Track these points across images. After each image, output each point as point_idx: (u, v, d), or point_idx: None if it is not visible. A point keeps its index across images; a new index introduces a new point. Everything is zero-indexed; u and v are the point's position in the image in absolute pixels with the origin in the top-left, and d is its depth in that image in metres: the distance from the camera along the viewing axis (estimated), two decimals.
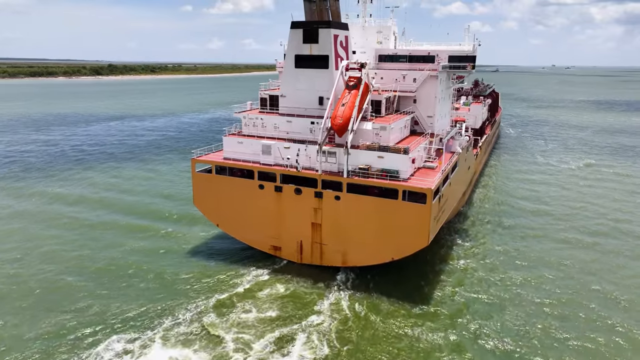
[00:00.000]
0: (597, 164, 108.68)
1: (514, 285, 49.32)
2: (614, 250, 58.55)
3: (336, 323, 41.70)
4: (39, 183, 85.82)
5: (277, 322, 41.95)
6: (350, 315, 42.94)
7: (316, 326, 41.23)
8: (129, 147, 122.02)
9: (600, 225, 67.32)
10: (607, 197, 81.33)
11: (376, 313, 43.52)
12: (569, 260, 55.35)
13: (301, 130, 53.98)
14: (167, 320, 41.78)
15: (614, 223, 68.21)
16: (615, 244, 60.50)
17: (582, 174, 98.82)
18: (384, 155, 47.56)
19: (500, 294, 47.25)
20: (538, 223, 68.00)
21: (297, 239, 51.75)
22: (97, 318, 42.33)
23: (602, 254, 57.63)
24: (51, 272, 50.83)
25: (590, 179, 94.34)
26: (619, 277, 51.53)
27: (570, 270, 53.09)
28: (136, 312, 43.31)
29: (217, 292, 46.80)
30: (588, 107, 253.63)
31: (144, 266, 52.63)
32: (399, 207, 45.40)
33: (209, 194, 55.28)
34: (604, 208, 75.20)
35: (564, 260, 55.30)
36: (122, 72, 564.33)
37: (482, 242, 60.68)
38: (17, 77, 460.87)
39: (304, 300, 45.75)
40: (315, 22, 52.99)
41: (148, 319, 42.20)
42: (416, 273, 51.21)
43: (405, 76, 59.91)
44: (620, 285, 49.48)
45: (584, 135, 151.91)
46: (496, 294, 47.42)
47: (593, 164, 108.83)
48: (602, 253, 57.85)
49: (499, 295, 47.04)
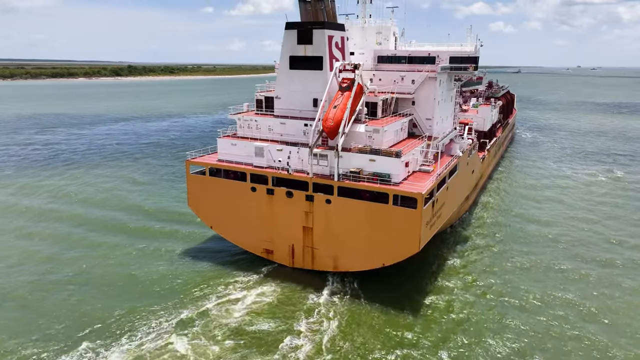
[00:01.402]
0: (614, 173, 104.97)
1: (509, 300, 47.11)
2: (626, 288, 49.61)
3: (325, 330, 40.75)
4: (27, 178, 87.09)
5: (265, 327, 41.20)
6: (340, 323, 41.95)
7: (305, 333, 40.39)
8: (128, 148, 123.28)
9: (611, 253, 58.12)
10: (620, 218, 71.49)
11: (367, 321, 42.44)
12: (568, 279, 52.00)
13: (294, 133, 53.30)
14: (151, 325, 41.35)
15: (628, 251, 58.85)
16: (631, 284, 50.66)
17: (594, 181, 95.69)
18: (376, 159, 46.50)
19: (493, 309, 45.25)
20: (545, 235, 64.54)
21: (289, 243, 51.03)
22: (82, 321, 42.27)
23: (611, 288, 49.37)
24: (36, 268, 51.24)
25: (605, 188, 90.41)
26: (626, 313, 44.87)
27: (569, 292, 48.80)
28: (118, 315, 42.86)
29: (206, 296, 46.38)
30: (609, 111, 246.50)
31: (131, 266, 52.65)
32: (390, 211, 44.27)
33: (203, 196, 55.01)
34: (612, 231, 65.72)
35: (561, 280, 51.44)
36: (141, 73, 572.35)
37: (482, 251, 58.64)
38: (39, 78, 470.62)
39: (294, 306, 44.88)
40: (309, 23, 52.28)
41: (130, 322, 41.79)
42: (410, 280, 49.89)
43: (403, 77, 58.65)
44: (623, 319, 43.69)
45: (600, 142, 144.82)
46: (489, 307, 45.61)
47: (614, 174, 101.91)
48: (610, 287, 49.58)
49: (492, 310, 45.05)
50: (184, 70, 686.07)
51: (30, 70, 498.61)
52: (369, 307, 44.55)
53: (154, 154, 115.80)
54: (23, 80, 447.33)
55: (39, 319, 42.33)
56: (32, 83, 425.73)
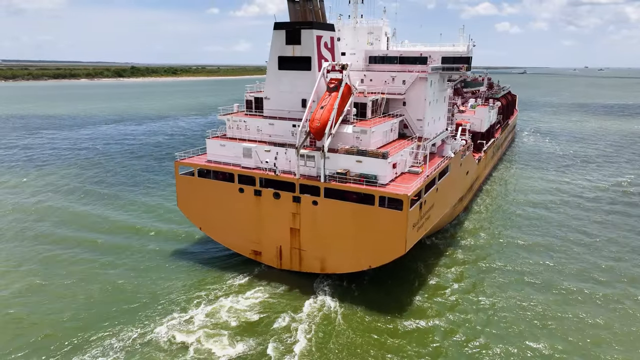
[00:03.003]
0: (614, 178, 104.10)
1: (498, 304, 46.41)
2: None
3: (311, 333, 40.33)
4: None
5: (252, 329, 40.91)
6: (326, 325, 41.51)
7: (292, 335, 40.03)
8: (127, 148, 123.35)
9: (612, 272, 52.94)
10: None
11: (354, 323, 42.01)
12: (562, 278, 52.05)
13: (283, 133, 52.93)
14: (135, 328, 41.03)
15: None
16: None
17: (593, 187, 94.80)
18: (363, 160, 46.04)
19: (481, 312, 44.63)
20: (537, 238, 63.80)
21: (277, 244, 50.64)
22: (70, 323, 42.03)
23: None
24: None
25: (604, 193, 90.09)
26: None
27: (560, 291, 49.02)
28: (102, 317, 42.66)
29: (193, 297, 46.08)
30: (612, 112, 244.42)
31: (117, 265, 52.69)
32: (376, 213, 43.79)
33: (192, 197, 54.73)
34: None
35: (555, 279, 51.40)
36: (144, 74, 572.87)
37: (474, 253, 57.93)
38: (41, 79, 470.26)
39: (282, 308, 44.46)
40: (297, 23, 51.91)
41: (116, 323, 41.59)
42: (398, 283, 49.39)
43: (394, 78, 58.14)
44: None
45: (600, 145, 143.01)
46: (478, 310, 45.02)
47: (618, 179, 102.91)
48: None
49: (480, 314, 44.40)
50: (187, 71, 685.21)
51: (33, 71, 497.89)
52: (357, 310, 44.05)
53: (146, 153, 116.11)
54: (25, 81, 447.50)
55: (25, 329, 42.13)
56: (33, 84, 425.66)
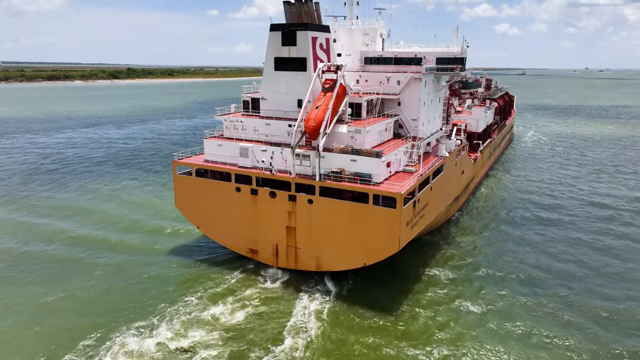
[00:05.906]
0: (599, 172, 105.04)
1: (492, 302, 46.68)
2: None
3: (306, 331, 40.84)
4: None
5: (248, 327, 41.40)
6: (320, 324, 42.00)
7: (288, 333, 40.50)
8: None
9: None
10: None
11: (349, 321, 42.47)
12: (556, 276, 52.46)
13: (279, 133, 53.66)
14: (129, 328, 41.31)
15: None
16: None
17: (591, 188, 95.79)
18: (357, 159, 46.77)
19: (475, 310, 44.96)
20: (534, 236, 64.49)
21: (273, 243, 51.30)
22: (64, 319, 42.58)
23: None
24: None
25: (603, 195, 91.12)
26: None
27: (551, 292, 48.89)
28: (96, 315, 43.03)
29: (189, 295, 46.58)
30: (607, 115, 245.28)
31: (113, 264, 53.32)
32: (370, 211, 44.53)
33: (190, 196, 55.37)
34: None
35: (550, 281, 51.31)
36: (140, 75, 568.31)
37: (469, 252, 58.50)
38: (35, 80, 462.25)
39: (278, 306, 44.96)
40: (293, 25, 52.66)
41: (110, 322, 42.05)
42: (393, 280, 50.00)
43: (389, 78, 58.97)
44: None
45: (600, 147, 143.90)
46: (471, 309, 45.28)
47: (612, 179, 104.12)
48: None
49: (474, 312, 44.70)
50: (184, 73, 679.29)
51: (26, 72, 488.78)
52: (353, 308, 44.55)
53: (144, 155, 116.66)
54: (18, 83, 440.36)
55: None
56: (26, 86, 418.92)
